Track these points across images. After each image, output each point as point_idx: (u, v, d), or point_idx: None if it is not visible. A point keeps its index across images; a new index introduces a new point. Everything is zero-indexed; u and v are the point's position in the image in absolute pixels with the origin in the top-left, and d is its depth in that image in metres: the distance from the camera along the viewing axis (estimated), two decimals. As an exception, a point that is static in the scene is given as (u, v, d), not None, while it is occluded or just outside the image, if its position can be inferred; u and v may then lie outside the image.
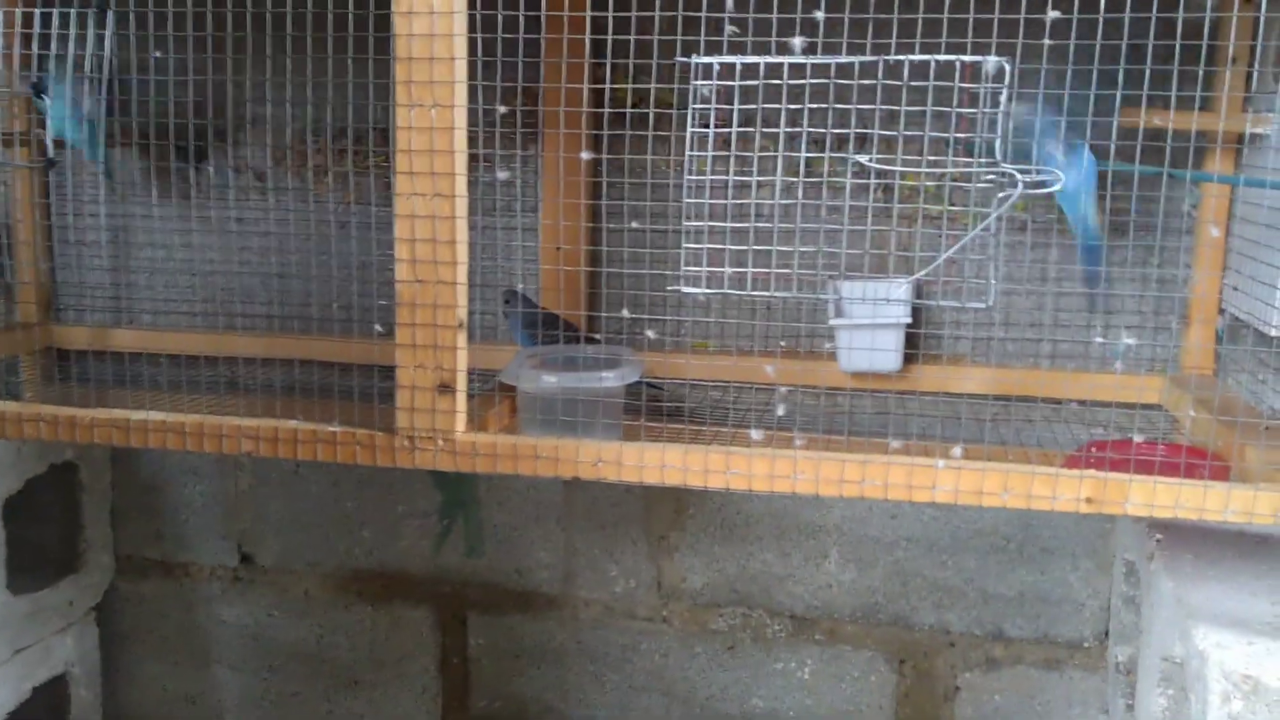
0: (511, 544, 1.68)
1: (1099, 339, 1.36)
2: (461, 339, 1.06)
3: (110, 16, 1.18)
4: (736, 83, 1.03)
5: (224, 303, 1.59)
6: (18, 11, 1.24)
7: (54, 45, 1.19)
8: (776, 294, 1.14)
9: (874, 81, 1.01)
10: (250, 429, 1.13)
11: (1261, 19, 1.07)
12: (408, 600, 1.73)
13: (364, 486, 1.71)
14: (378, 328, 1.23)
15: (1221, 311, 1.33)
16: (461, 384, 1.07)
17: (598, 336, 1.49)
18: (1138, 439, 1.03)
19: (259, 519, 1.76)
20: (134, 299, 1.68)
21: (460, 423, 1.08)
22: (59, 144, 1.40)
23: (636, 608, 1.66)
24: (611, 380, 1.20)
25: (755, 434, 1.11)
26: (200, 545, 1.79)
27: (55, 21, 1.18)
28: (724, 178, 1.11)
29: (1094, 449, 1.16)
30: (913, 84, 1.01)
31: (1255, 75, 1.19)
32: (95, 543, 1.75)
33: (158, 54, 1.19)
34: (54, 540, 1.71)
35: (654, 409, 1.45)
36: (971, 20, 0.99)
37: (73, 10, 1.18)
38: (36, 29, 1.20)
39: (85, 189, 1.62)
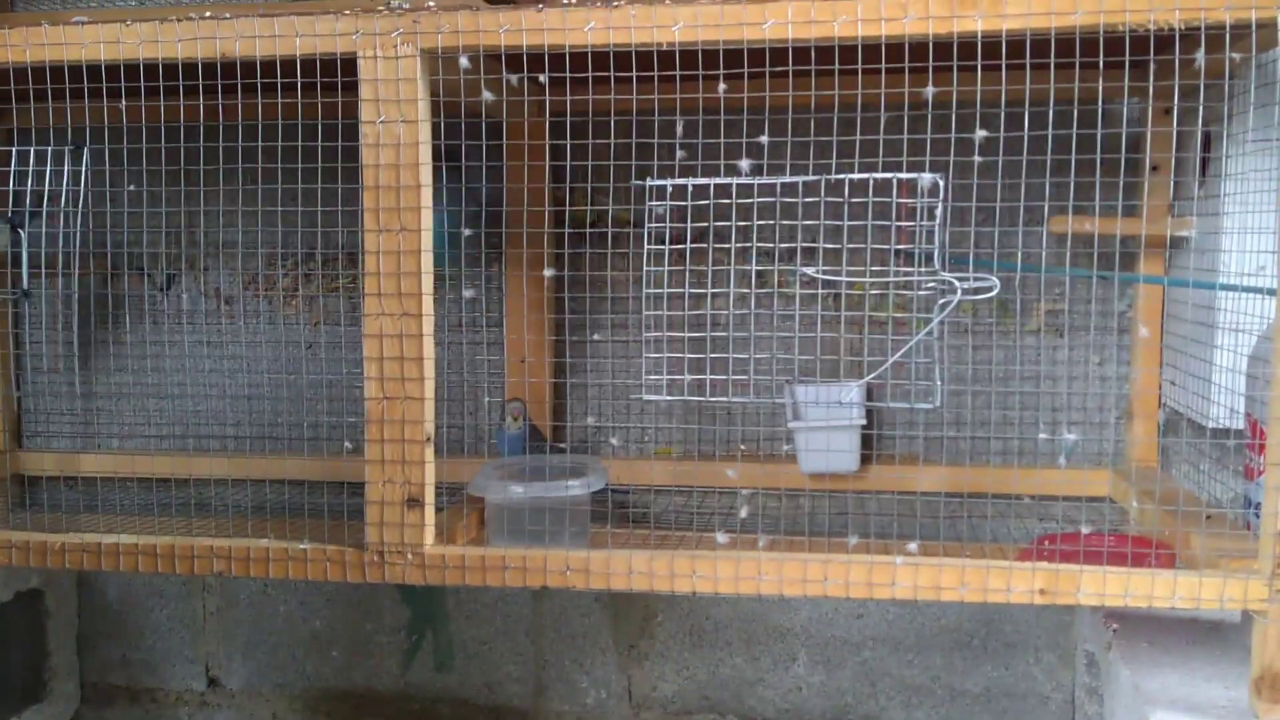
0: (481, 658, 1.67)
1: (1044, 435, 1.41)
2: (429, 453, 1.09)
3: (86, 153, 1.22)
4: (689, 203, 1.09)
5: (192, 425, 1.61)
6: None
7: (30, 181, 1.23)
8: (735, 399, 1.18)
9: (817, 199, 1.08)
10: (221, 549, 1.15)
11: (1174, 133, 1.15)
12: (377, 719, 1.71)
13: (332, 604, 1.70)
14: (347, 445, 1.25)
15: (1161, 405, 1.38)
16: (429, 498, 1.09)
17: (563, 445, 1.52)
18: (1086, 531, 1.06)
19: (226, 641, 1.74)
20: (101, 424, 1.69)
21: (429, 536, 1.10)
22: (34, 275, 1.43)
23: (608, 718, 1.65)
24: (577, 488, 1.22)
25: (721, 537, 1.14)
26: (167, 669, 1.77)
27: (32, 159, 1.22)
28: (680, 290, 1.16)
29: (1046, 542, 1.20)
30: (854, 200, 1.07)
31: (1172, 183, 1.27)
32: (60, 670, 1.72)
33: (132, 187, 1.23)
34: (19, 669, 1.68)
35: (620, 515, 1.47)
36: (906, 140, 1.06)
37: (49, 148, 1.23)
38: (13, 166, 1.24)
39: (58, 316, 1.65)
